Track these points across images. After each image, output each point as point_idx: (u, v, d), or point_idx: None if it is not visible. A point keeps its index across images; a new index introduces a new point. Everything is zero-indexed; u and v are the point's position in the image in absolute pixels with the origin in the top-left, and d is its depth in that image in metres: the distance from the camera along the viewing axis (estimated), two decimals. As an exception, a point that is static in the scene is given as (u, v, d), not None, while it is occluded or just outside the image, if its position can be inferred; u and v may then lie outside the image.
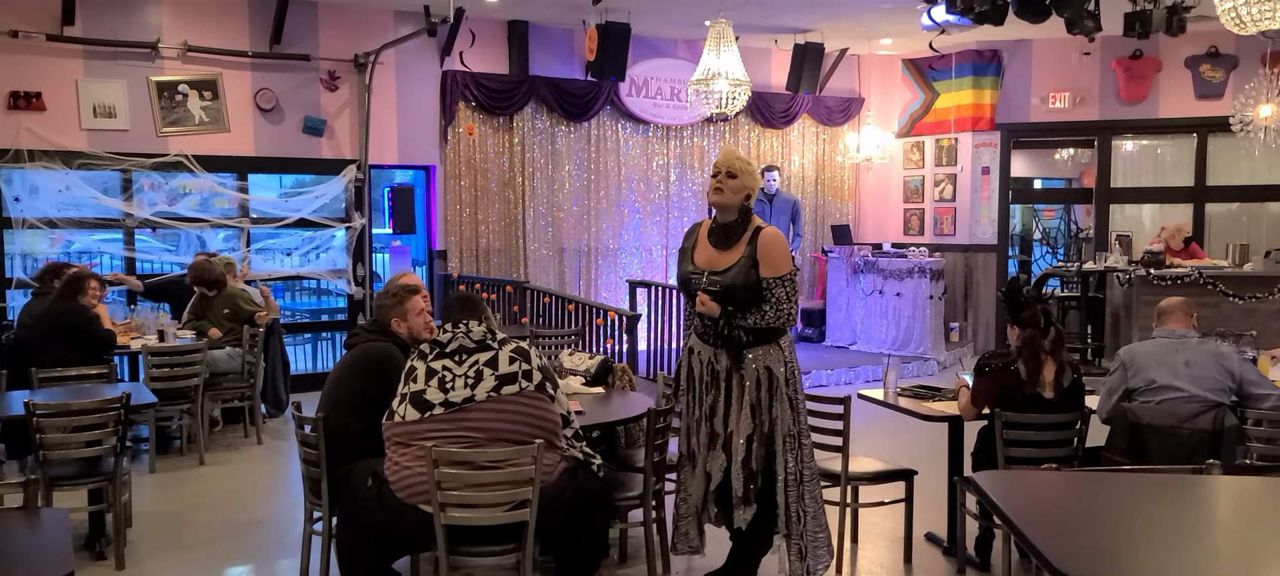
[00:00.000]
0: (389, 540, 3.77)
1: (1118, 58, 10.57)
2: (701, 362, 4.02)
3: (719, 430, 3.96)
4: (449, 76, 9.66)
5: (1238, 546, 2.18)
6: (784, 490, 3.92)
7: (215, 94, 8.80)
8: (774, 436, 3.91)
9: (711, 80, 7.93)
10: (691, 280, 3.99)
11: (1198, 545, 2.17)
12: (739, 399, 3.91)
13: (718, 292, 3.87)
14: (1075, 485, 2.68)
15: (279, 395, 7.68)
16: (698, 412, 4.02)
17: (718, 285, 3.88)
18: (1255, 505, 2.40)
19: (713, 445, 3.98)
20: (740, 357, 3.91)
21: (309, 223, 9.22)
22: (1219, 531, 2.29)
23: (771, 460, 3.92)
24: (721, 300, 3.87)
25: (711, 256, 3.98)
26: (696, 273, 3.98)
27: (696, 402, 4.04)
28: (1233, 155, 10.37)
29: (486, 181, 10.00)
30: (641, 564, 4.35)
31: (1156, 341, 4.41)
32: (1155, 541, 2.10)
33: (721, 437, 3.95)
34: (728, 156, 4.01)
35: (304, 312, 10.91)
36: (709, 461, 4.00)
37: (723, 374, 3.94)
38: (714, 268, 3.93)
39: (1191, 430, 4.11)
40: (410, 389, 3.67)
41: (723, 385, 3.94)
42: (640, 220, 10.88)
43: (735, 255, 3.92)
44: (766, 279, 3.86)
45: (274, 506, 5.67)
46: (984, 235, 11.17)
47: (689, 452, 4.10)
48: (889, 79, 11.77)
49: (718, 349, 3.95)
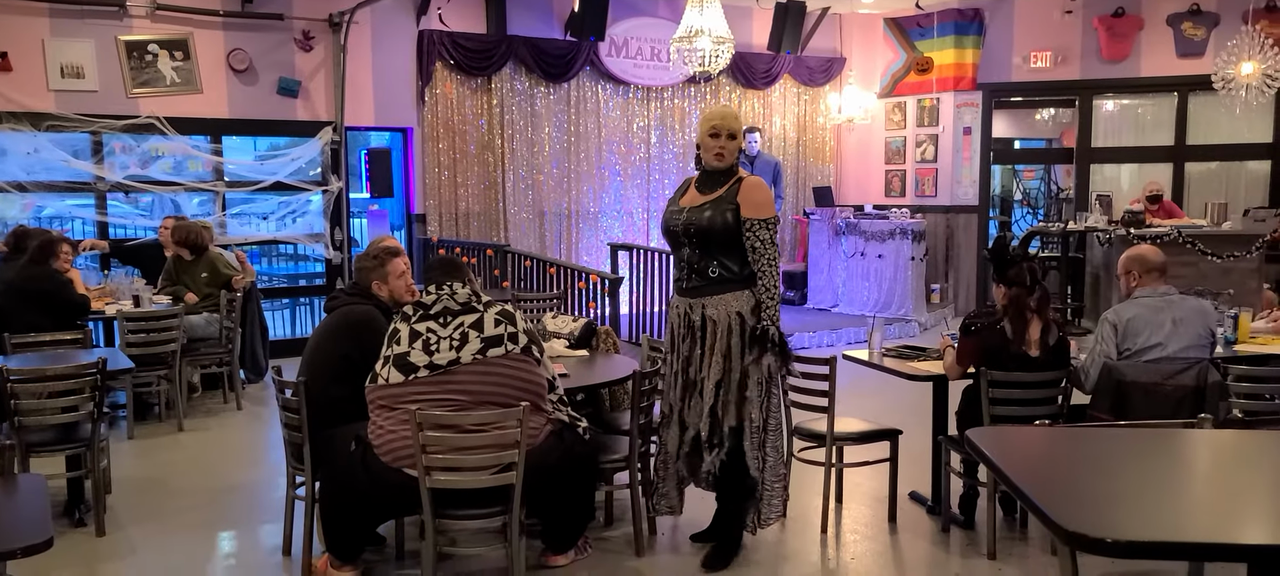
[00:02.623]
0: (373, 504, 3.75)
1: (1100, 16, 10.54)
2: (679, 315, 4.03)
3: (694, 377, 3.97)
4: (426, 36, 9.51)
5: (1227, 496, 2.19)
6: (750, 437, 3.94)
7: (186, 54, 8.62)
8: (747, 383, 3.90)
9: (694, 37, 7.83)
10: (672, 218, 4.01)
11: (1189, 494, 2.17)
12: (711, 346, 3.90)
13: (691, 229, 3.88)
14: (1065, 440, 2.68)
15: (258, 360, 7.60)
16: (676, 365, 4.04)
17: (692, 222, 3.89)
18: (1240, 457, 2.40)
19: (689, 394, 4.00)
20: (712, 299, 3.90)
21: (285, 186, 9.08)
22: (1209, 482, 2.29)
23: (742, 407, 3.92)
24: (695, 238, 3.89)
25: (694, 199, 3.98)
26: (676, 211, 4.00)
27: (676, 356, 4.04)
28: (1213, 114, 10.39)
29: (465, 143, 9.89)
30: (627, 526, 4.34)
31: (1141, 301, 4.40)
32: (1148, 492, 2.10)
33: (696, 386, 3.97)
34: (729, 118, 3.96)
35: (282, 277, 10.80)
36: (686, 411, 4.02)
37: (698, 322, 3.94)
38: (693, 204, 3.95)
39: (1175, 386, 4.12)
40: (394, 351, 3.62)
41: (698, 334, 3.94)
42: (621, 182, 10.81)
43: (713, 196, 3.92)
44: (748, 219, 3.84)
45: (255, 472, 5.62)
46: (965, 196, 11.17)
47: (669, 408, 4.12)
48: (871, 38, 11.70)
49: (693, 299, 3.95)
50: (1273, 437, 2.56)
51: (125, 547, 4.40)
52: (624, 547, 4.29)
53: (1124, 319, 4.35)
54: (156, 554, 4.34)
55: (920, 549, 4.34)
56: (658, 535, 4.44)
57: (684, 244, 3.96)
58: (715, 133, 3.92)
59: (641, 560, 4.19)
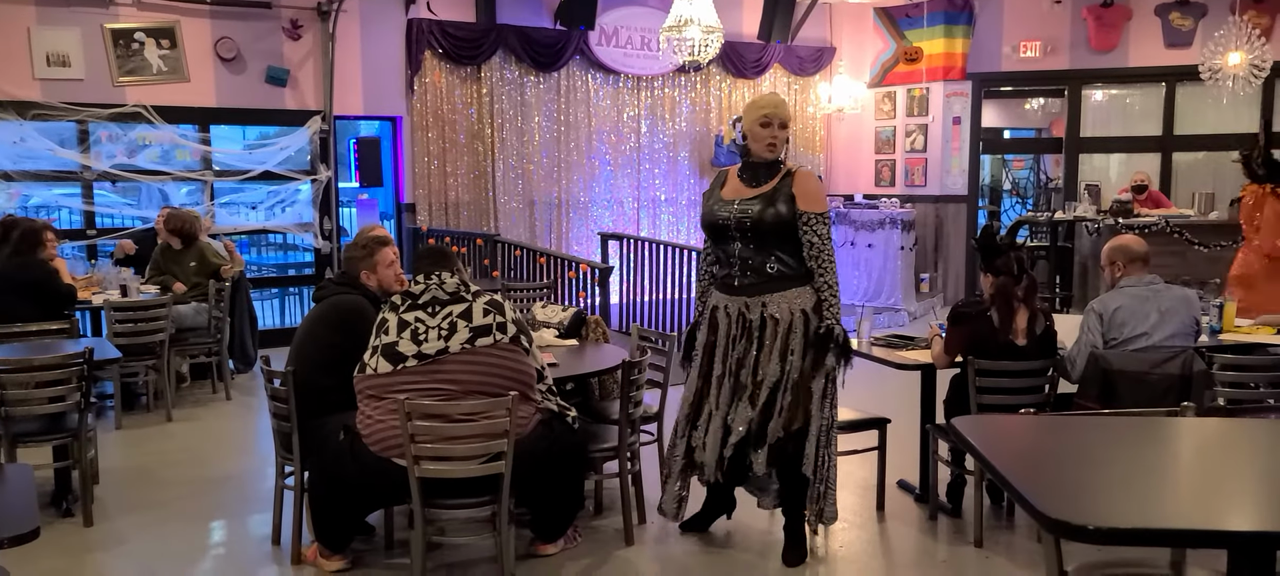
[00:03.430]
0: (362, 493, 3.75)
1: (1088, 6, 10.57)
2: (730, 316, 3.82)
3: (747, 381, 3.80)
4: (415, 25, 9.48)
5: (1209, 483, 2.21)
6: (815, 439, 3.80)
7: (173, 42, 8.57)
8: (812, 383, 3.77)
9: (683, 27, 7.82)
10: (717, 212, 3.81)
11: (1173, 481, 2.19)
12: (771, 345, 3.75)
13: (746, 223, 3.72)
14: (1050, 428, 2.69)
15: (247, 350, 7.59)
16: (721, 368, 3.84)
17: (747, 214, 3.73)
18: (1224, 444, 2.42)
19: (738, 397, 3.82)
20: (774, 297, 3.74)
21: (274, 176, 9.05)
22: (1191, 470, 2.31)
23: (808, 407, 3.77)
24: (749, 233, 3.73)
25: (741, 191, 3.80)
26: (724, 203, 3.80)
27: (721, 359, 3.84)
28: (1200, 104, 10.44)
29: (455, 133, 9.87)
30: (617, 515, 4.35)
31: (1127, 291, 4.42)
32: (1133, 479, 2.11)
33: (748, 389, 3.79)
34: (781, 106, 3.79)
35: (270, 267, 10.78)
36: (732, 414, 3.83)
37: (757, 322, 3.76)
38: (744, 198, 3.77)
39: (1161, 375, 4.14)
40: (382, 341, 3.62)
41: (756, 333, 3.76)
42: (611, 172, 10.80)
43: (767, 189, 3.76)
44: (805, 213, 3.71)
45: (245, 462, 5.62)
46: (954, 186, 11.20)
47: (704, 412, 3.91)
48: (861, 28, 11.70)
49: (750, 297, 3.77)
50: (1255, 425, 2.58)
51: (113, 538, 4.40)
52: (614, 536, 4.31)
53: (1110, 309, 4.36)
54: (145, 543, 4.33)
55: (908, 537, 4.36)
56: (647, 524, 4.45)
57: (733, 238, 3.79)
58: (766, 122, 3.76)
59: (631, 549, 4.20)
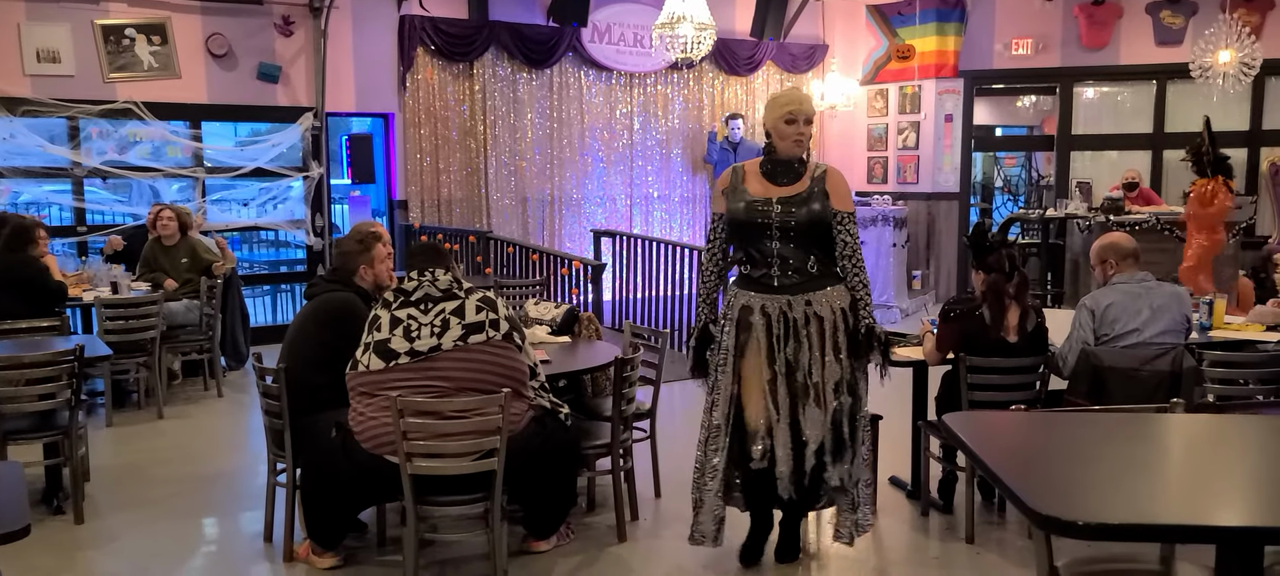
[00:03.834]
0: (354, 490, 3.75)
1: (1080, 4, 10.59)
2: (769, 315, 3.64)
3: (806, 381, 3.63)
4: (407, 21, 9.46)
5: (1198, 479, 2.22)
6: (858, 444, 3.75)
7: (164, 38, 8.54)
8: (857, 382, 3.72)
9: (676, 23, 7.82)
10: (756, 209, 3.64)
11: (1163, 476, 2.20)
12: (820, 345, 3.63)
13: (790, 221, 3.61)
14: (1041, 425, 2.70)
15: (239, 347, 7.58)
16: (770, 371, 3.63)
17: (791, 213, 3.61)
18: (1213, 440, 2.43)
19: (805, 399, 3.64)
20: (817, 295, 3.64)
21: (265, 172, 9.03)
22: (1181, 466, 2.32)
23: (855, 409, 3.72)
24: (793, 232, 3.62)
25: (773, 189, 3.67)
26: (761, 201, 3.64)
27: (767, 361, 3.64)
28: (1191, 102, 10.45)
29: (447, 129, 9.85)
30: (609, 512, 4.35)
31: (1119, 288, 4.44)
32: (1122, 475, 2.12)
33: (811, 392, 3.64)
34: (805, 101, 3.70)
35: (262, 264, 10.75)
36: (805, 420, 3.64)
37: (801, 320, 3.63)
38: (784, 196, 3.64)
39: (1151, 371, 4.16)
40: (374, 338, 3.61)
41: (803, 333, 3.63)
42: (604, 169, 10.79)
43: (800, 188, 3.67)
44: (839, 211, 3.65)
45: (236, 459, 5.61)
46: (946, 183, 11.22)
47: (732, 424, 3.74)
48: (853, 25, 11.71)
49: (793, 295, 3.63)
50: (1244, 422, 2.60)
51: (104, 535, 4.39)
52: (606, 533, 4.31)
53: (1102, 305, 4.38)
54: (136, 541, 4.32)
55: (900, 533, 4.37)
56: (640, 521, 4.46)
57: (773, 237, 3.64)
58: (791, 118, 3.65)
59: (623, 545, 4.21)
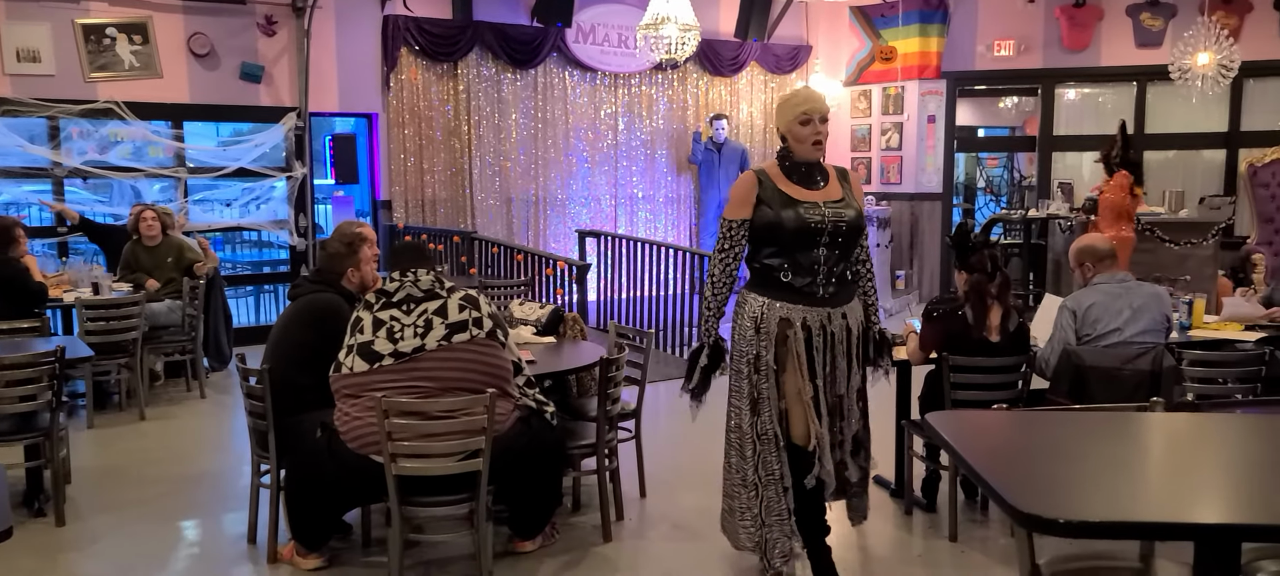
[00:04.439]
0: (339, 491, 3.74)
1: (1061, 6, 10.67)
2: (810, 328, 3.47)
3: (843, 392, 3.59)
4: (391, 21, 9.44)
5: (1177, 477, 2.25)
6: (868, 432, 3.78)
7: (145, 38, 8.50)
8: (865, 386, 3.70)
9: (660, 24, 7.84)
10: (808, 216, 3.43)
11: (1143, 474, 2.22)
12: (851, 355, 3.57)
13: (841, 227, 3.47)
14: (1023, 424, 2.72)
15: (222, 348, 7.54)
16: (811, 388, 3.49)
17: (841, 218, 3.47)
18: (1192, 439, 2.46)
19: (838, 414, 3.60)
20: (850, 306, 3.57)
21: (248, 172, 8.99)
22: (1160, 464, 2.35)
23: (866, 404, 3.72)
24: (840, 239, 3.48)
25: (812, 194, 3.50)
26: (811, 205, 3.46)
27: (806, 376, 3.47)
28: (1170, 103, 10.56)
29: (431, 130, 9.83)
30: (595, 512, 4.36)
31: (1099, 288, 4.48)
32: (1103, 474, 2.15)
33: (842, 403, 3.60)
34: (820, 100, 3.53)
35: (245, 265, 10.70)
36: (843, 430, 3.61)
37: (840, 333, 3.52)
38: (829, 199, 3.51)
39: (1133, 371, 4.20)
40: (357, 340, 3.61)
41: (841, 346, 3.53)
42: (589, 169, 10.80)
43: (840, 191, 3.55)
44: (862, 215, 3.60)
45: (220, 460, 5.58)
46: (929, 184, 11.28)
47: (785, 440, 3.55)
48: (837, 27, 11.75)
49: (832, 308, 3.51)
50: (1222, 420, 2.63)
51: (86, 537, 4.36)
52: (592, 533, 4.32)
53: (1083, 306, 4.42)
54: (118, 543, 4.30)
55: (883, 531, 4.39)
56: (625, 521, 4.47)
57: (821, 245, 3.46)
58: (806, 119, 3.47)
59: (609, 545, 4.22)
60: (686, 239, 11.33)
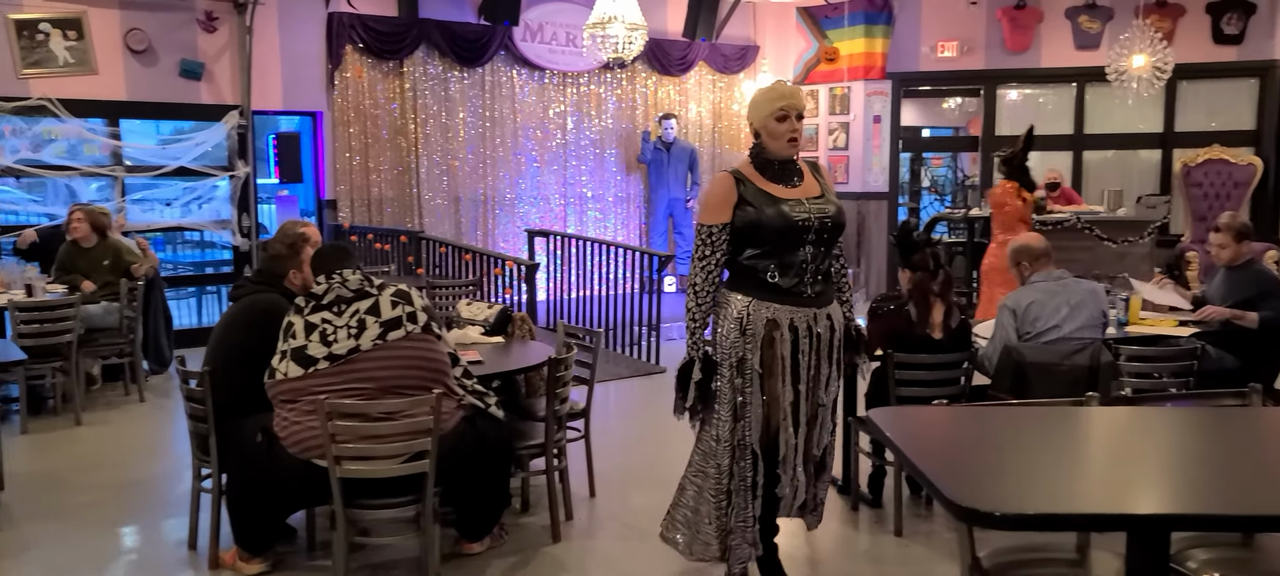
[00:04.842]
0: (282, 495, 3.69)
1: (1003, 8, 10.86)
2: (797, 330, 3.36)
3: (825, 399, 3.48)
4: (335, 18, 9.32)
5: (1111, 469, 2.30)
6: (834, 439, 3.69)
7: (80, 33, 8.29)
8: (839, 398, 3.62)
9: (607, 23, 7.83)
10: (793, 214, 3.31)
11: (1078, 467, 2.27)
12: (831, 357, 3.46)
13: (826, 225, 3.37)
14: (963, 419, 2.77)
15: (161, 351, 7.39)
16: (793, 393, 3.38)
17: (826, 216, 3.36)
18: (1127, 432, 2.52)
19: (817, 422, 3.49)
20: (832, 306, 3.47)
21: (189, 171, 8.81)
22: (1096, 457, 2.40)
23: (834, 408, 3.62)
24: (825, 237, 3.37)
25: (792, 191, 3.38)
26: (795, 203, 3.34)
27: (790, 381, 3.37)
28: (1108, 104, 10.80)
29: (377, 128, 9.73)
30: (544, 512, 4.34)
31: (1038, 286, 4.57)
32: (1039, 467, 2.19)
33: (827, 407, 3.50)
34: (797, 95, 3.39)
35: (187, 265, 10.51)
36: (817, 440, 3.51)
37: (824, 334, 3.41)
38: (810, 196, 3.40)
39: (1071, 366, 4.30)
40: (290, 345, 3.55)
41: (825, 348, 3.42)
42: (538, 168, 10.76)
43: (818, 187, 3.44)
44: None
45: (159, 465, 5.47)
46: (875, 183, 11.41)
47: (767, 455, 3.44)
48: (784, 27, 11.84)
49: (817, 309, 3.39)
50: (1155, 413, 2.69)
51: (19, 544, 4.24)
52: (541, 533, 4.30)
53: (1023, 304, 4.51)
54: (54, 551, 4.19)
55: (830, 527, 4.43)
56: (574, 521, 4.46)
57: (806, 244, 3.35)
58: (783, 115, 3.33)
59: (558, 546, 4.21)
60: (636, 238, 11.34)
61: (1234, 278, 5.07)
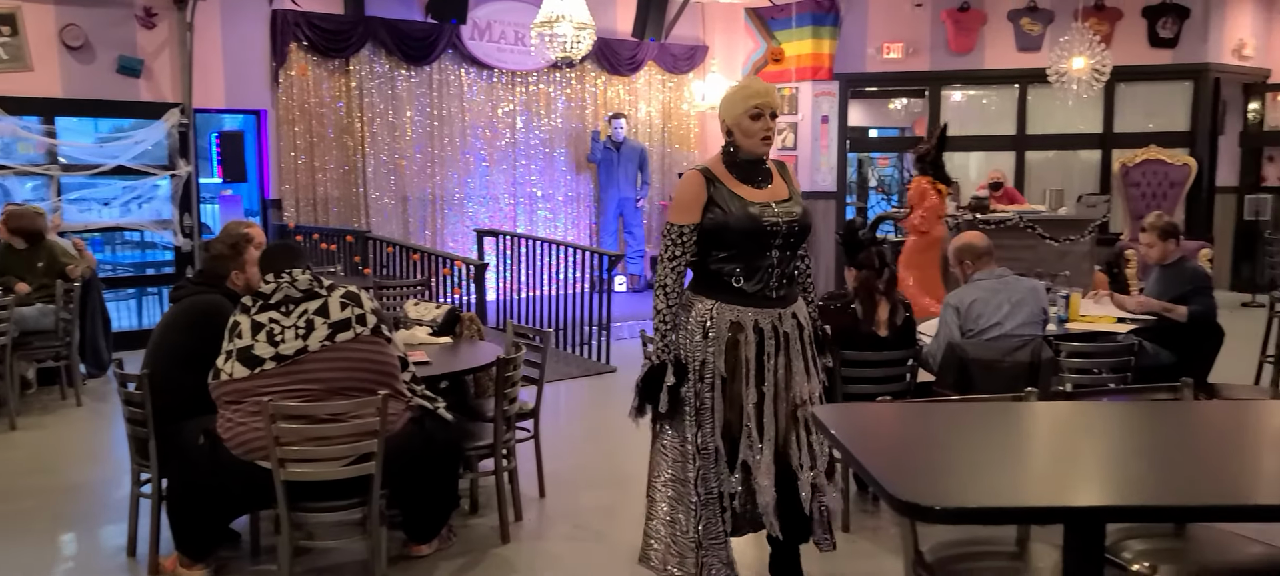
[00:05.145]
0: (224, 499, 3.63)
1: (947, 10, 11.03)
2: (762, 332, 3.28)
3: (804, 395, 3.38)
4: (279, 16, 9.18)
5: (1050, 463, 2.35)
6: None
7: (14, 29, 8.07)
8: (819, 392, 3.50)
9: (555, 22, 7.81)
10: (762, 216, 3.25)
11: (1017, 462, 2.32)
12: (801, 357, 3.36)
13: (794, 228, 3.31)
14: (907, 415, 2.81)
15: (100, 354, 7.22)
16: (757, 394, 3.28)
17: (793, 217, 3.30)
18: (1066, 427, 2.57)
19: (796, 425, 3.36)
20: (797, 305, 3.39)
21: (129, 170, 8.62)
22: (1035, 451, 2.45)
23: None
24: (792, 239, 3.32)
25: (761, 193, 3.31)
26: (763, 205, 3.27)
27: (754, 383, 3.28)
28: (1049, 105, 11.02)
29: (323, 127, 9.60)
30: (493, 513, 4.32)
31: (980, 284, 4.65)
32: (980, 461, 2.23)
33: (803, 419, 3.37)
34: (772, 93, 3.31)
35: (127, 266, 10.27)
36: (797, 448, 3.34)
37: (792, 333, 3.33)
38: (778, 199, 3.32)
39: (1013, 362, 4.37)
40: (236, 345, 3.50)
41: (795, 347, 3.34)
42: (487, 168, 10.70)
43: (785, 189, 3.37)
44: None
45: (97, 470, 5.35)
46: (823, 183, 11.52)
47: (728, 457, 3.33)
48: (733, 28, 11.91)
49: (783, 309, 3.32)
50: (1092, 408, 2.75)
51: (-50, 556, 4.13)
52: (490, 534, 4.29)
53: (966, 302, 4.58)
54: (-14, 561, 4.08)
55: (778, 524, 4.46)
56: (524, 521, 4.45)
57: (774, 246, 3.28)
58: (757, 113, 3.25)
59: (508, 547, 4.19)
60: (586, 237, 11.33)
61: (1167, 275, 5.25)
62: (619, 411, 3.69)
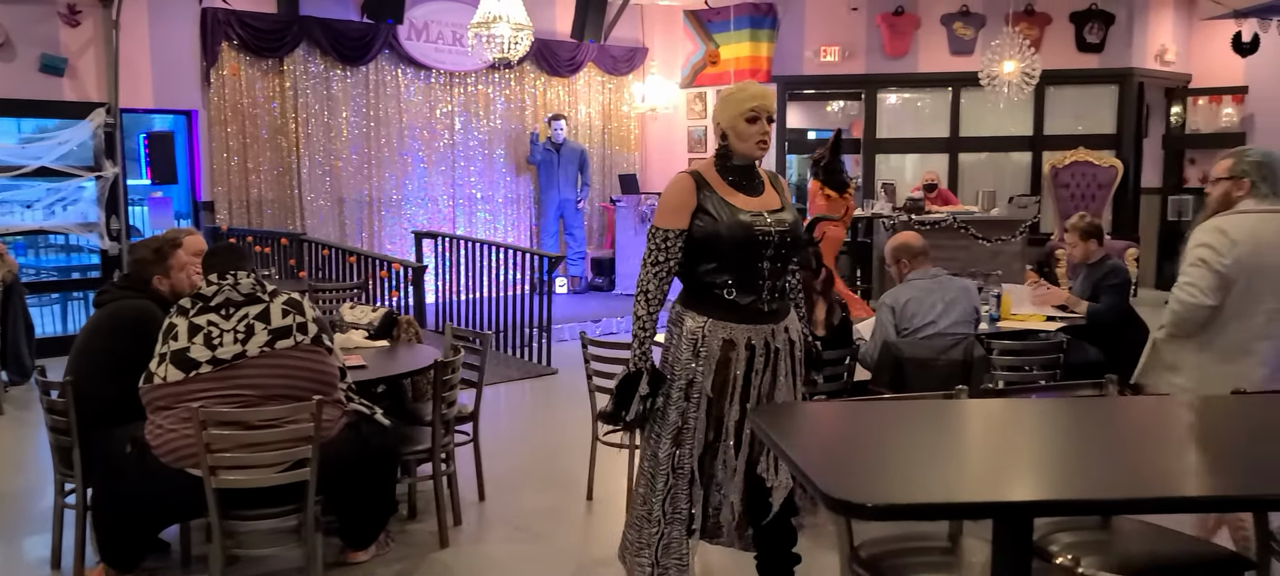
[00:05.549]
0: (153, 508, 3.53)
1: (882, 14, 11.19)
2: (753, 348, 3.17)
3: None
4: (209, 14, 8.98)
5: (983, 457, 2.40)
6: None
7: (-69, 26, 7.79)
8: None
9: (492, 23, 7.77)
10: (755, 226, 3.14)
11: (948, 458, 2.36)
12: (788, 372, 3.27)
13: (787, 238, 3.20)
14: (842, 414, 2.84)
15: (22, 360, 7.00)
16: (738, 411, 3.18)
17: (786, 226, 3.20)
18: (997, 423, 2.62)
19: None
20: (789, 319, 3.29)
21: (52, 172, 8.37)
22: (966, 448, 2.49)
23: None
24: (784, 249, 3.22)
25: (753, 201, 3.21)
26: (756, 215, 3.16)
27: (738, 400, 3.18)
28: (981, 108, 11.25)
29: (256, 128, 9.42)
30: (432, 517, 4.28)
31: (914, 283, 4.72)
32: (912, 459, 2.26)
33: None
34: (767, 97, 3.20)
35: (51, 270, 9.96)
36: (763, 459, 3.25)
37: (783, 348, 3.23)
38: (770, 208, 3.22)
39: (946, 361, 4.45)
40: (171, 347, 3.41)
41: (785, 362, 3.25)
42: (425, 169, 10.59)
43: (777, 198, 3.27)
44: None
45: (19, 480, 5.18)
46: (762, 184, 11.58)
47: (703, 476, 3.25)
48: (672, 30, 11.95)
49: (775, 324, 3.22)
50: (1021, 404, 2.81)
51: None
52: (428, 539, 4.24)
53: (901, 301, 4.65)
54: (-100, 577, 3.94)
55: (718, 524, 4.49)
56: (463, 526, 4.41)
57: (766, 257, 3.17)
58: (754, 116, 3.15)
59: (446, 551, 4.15)
60: (526, 239, 11.28)
61: (1090, 273, 5.43)
62: (559, 413, 3.69)
